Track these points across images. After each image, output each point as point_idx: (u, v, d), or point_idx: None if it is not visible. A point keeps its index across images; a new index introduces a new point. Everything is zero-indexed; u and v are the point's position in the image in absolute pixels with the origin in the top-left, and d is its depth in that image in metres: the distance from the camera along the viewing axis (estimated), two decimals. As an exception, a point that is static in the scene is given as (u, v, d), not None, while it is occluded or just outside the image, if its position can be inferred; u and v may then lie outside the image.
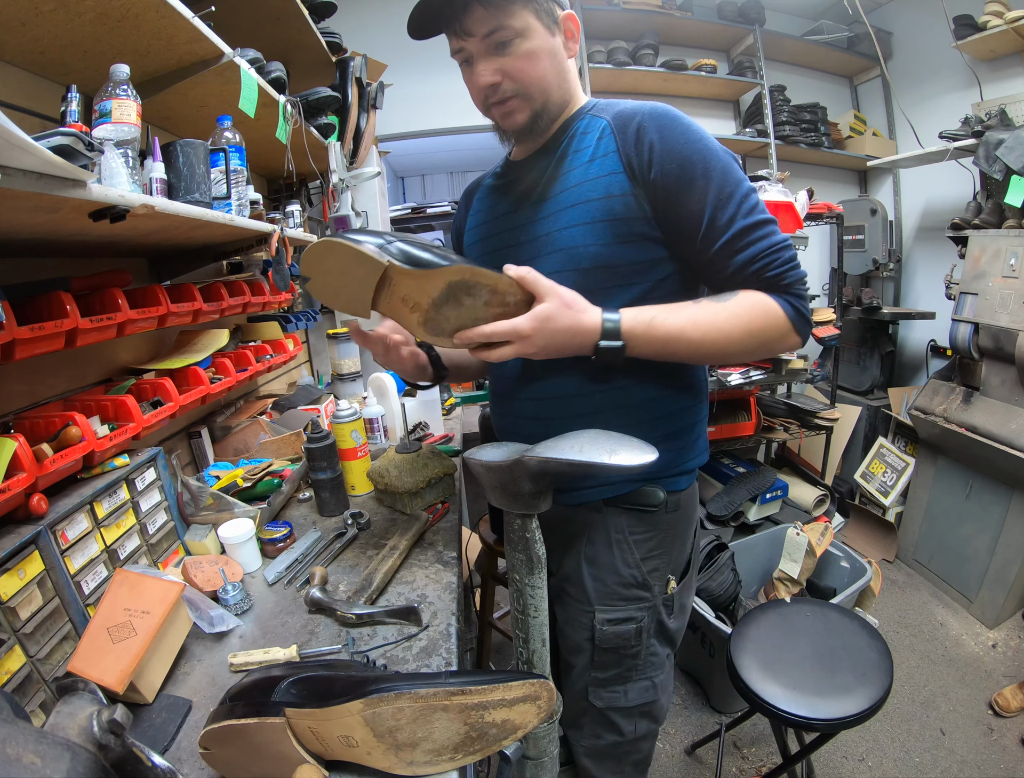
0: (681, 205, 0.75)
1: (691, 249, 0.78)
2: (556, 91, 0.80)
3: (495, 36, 0.73)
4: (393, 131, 2.91)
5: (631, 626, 0.89)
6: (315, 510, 1.23)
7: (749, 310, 0.76)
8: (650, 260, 0.80)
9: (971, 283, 2.13)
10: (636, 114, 0.77)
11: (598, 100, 0.86)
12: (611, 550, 0.87)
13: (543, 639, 0.67)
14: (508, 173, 0.93)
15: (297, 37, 1.61)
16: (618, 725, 0.95)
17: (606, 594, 0.88)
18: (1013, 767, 1.57)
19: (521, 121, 0.80)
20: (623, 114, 0.79)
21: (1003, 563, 2.06)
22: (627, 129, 0.77)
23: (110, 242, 0.99)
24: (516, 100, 0.78)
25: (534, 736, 0.70)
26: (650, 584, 0.88)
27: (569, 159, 0.82)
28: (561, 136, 0.84)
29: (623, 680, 0.92)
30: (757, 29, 3.00)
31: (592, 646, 0.90)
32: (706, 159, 0.74)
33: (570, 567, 0.91)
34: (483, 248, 0.94)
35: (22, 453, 0.70)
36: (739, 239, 0.75)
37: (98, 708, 0.48)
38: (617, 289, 0.80)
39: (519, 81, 0.76)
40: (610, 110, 0.82)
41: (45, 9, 0.77)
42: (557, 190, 0.82)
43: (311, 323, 1.92)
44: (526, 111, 0.79)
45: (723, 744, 1.58)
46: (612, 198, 0.77)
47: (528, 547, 0.64)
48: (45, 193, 0.55)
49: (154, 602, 0.74)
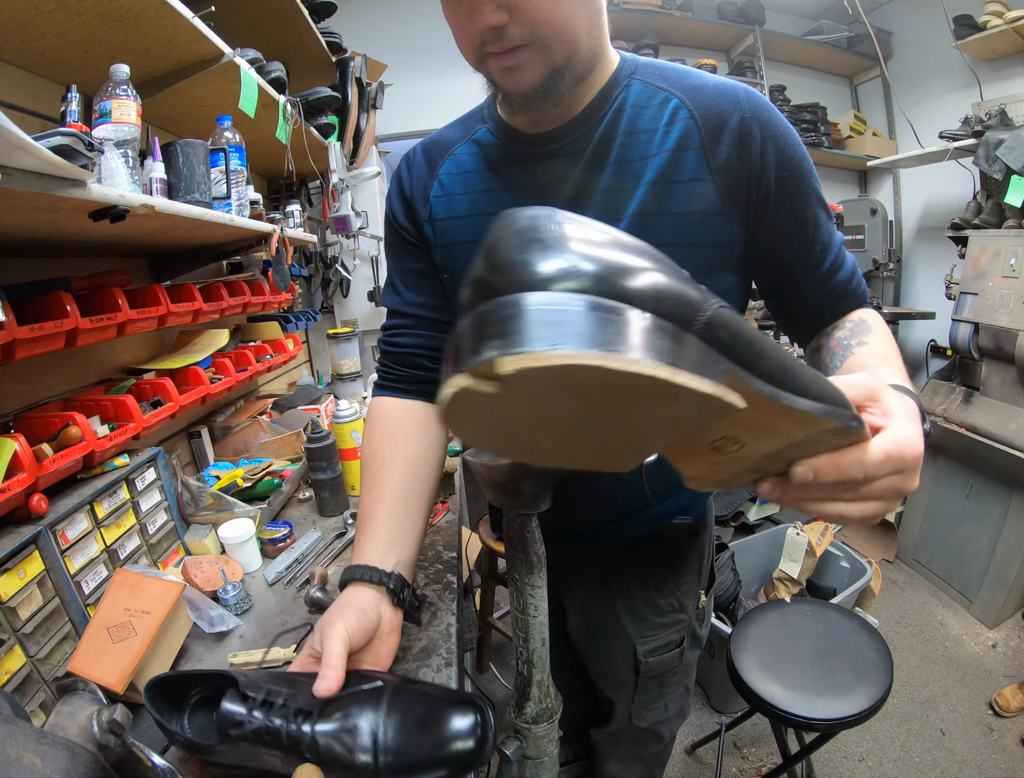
0: (787, 224, 0.61)
1: (790, 274, 0.65)
2: (585, 41, 0.55)
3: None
4: (393, 131, 2.91)
5: (673, 651, 0.86)
6: (315, 510, 1.22)
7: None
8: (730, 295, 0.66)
9: (971, 283, 2.13)
10: (734, 104, 0.58)
11: (636, 57, 0.64)
12: (646, 586, 0.83)
13: (543, 638, 0.67)
14: (505, 148, 0.66)
15: (297, 37, 1.61)
16: (660, 734, 0.96)
17: (645, 627, 0.85)
18: (1013, 767, 1.57)
19: (530, 81, 0.55)
20: (705, 93, 0.59)
21: (1003, 563, 2.06)
22: (723, 125, 0.58)
23: (110, 242, 0.99)
24: (527, 50, 0.53)
25: (534, 736, 0.70)
26: (685, 606, 0.86)
27: (621, 143, 0.60)
28: (599, 109, 0.61)
29: (662, 696, 0.91)
30: (757, 29, 3.00)
31: (636, 678, 0.87)
32: (810, 168, 0.61)
33: (602, 607, 0.86)
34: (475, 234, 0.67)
35: (22, 453, 0.70)
36: (841, 255, 0.65)
37: (98, 708, 0.48)
38: None
39: (534, 24, 0.51)
40: (676, 81, 0.61)
41: (45, 9, 0.77)
42: (600, 190, 0.62)
43: (311, 323, 1.92)
44: (539, 67, 0.54)
45: (723, 744, 1.58)
46: (691, 216, 0.59)
47: (528, 547, 0.64)
48: (45, 193, 0.55)
49: (154, 602, 0.74)
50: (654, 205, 0.59)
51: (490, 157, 0.68)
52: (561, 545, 0.81)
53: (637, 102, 0.61)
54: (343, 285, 2.31)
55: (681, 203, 0.59)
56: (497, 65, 0.55)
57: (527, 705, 0.69)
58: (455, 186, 0.69)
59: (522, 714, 0.70)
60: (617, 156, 0.61)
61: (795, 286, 0.66)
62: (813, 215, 0.62)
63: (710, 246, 0.61)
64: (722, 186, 0.58)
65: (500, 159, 0.67)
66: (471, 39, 0.54)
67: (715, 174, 0.58)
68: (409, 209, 0.73)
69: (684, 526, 0.81)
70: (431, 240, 0.72)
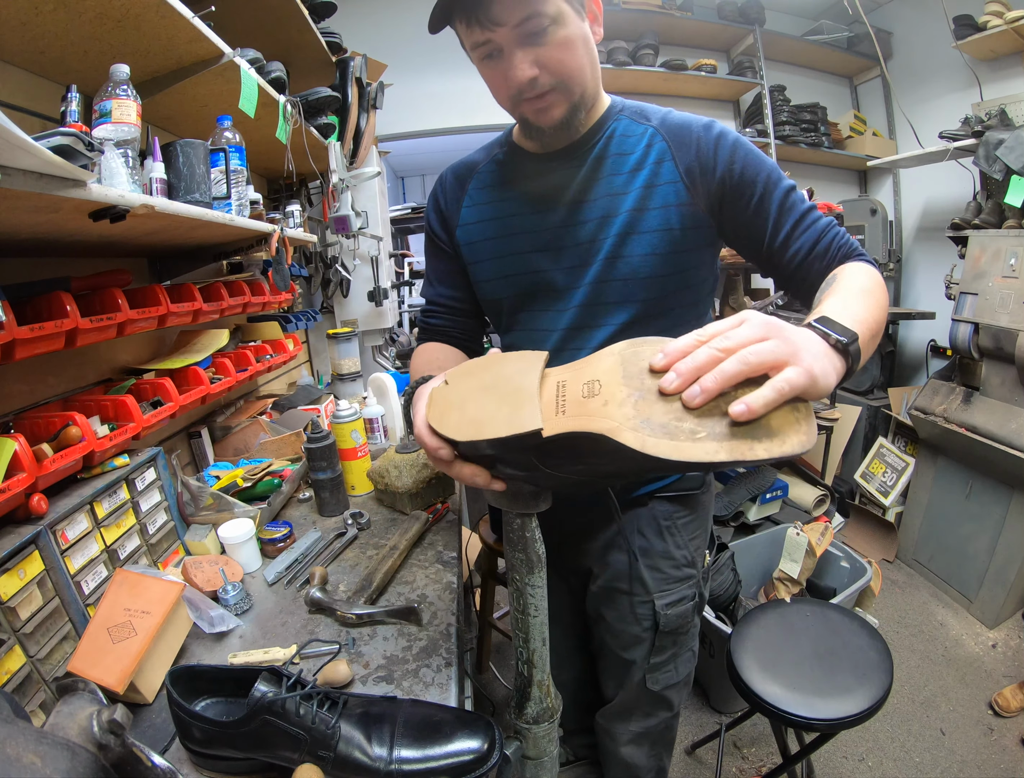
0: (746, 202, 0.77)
1: (758, 243, 0.79)
2: (591, 82, 0.75)
3: (529, 24, 0.65)
4: (393, 131, 2.91)
5: (688, 604, 0.94)
6: (315, 510, 1.23)
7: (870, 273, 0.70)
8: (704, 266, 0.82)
9: (971, 283, 2.13)
10: (692, 128, 0.78)
11: (623, 100, 0.84)
12: (662, 537, 0.91)
13: (543, 638, 0.67)
14: (520, 165, 0.86)
15: (297, 37, 1.61)
16: (670, 700, 1.02)
17: (662, 579, 0.92)
18: (1013, 767, 1.57)
19: (558, 116, 0.73)
20: (675, 125, 0.79)
21: (1003, 563, 2.06)
22: (685, 139, 0.77)
23: (110, 242, 0.99)
24: (554, 94, 0.71)
25: (534, 736, 0.70)
26: (696, 561, 0.94)
27: (610, 162, 0.79)
28: (594, 135, 0.80)
29: (674, 657, 0.97)
30: (757, 29, 3.00)
31: (653, 634, 0.93)
32: (761, 160, 0.77)
33: (621, 564, 0.93)
34: (498, 249, 0.87)
35: (22, 453, 0.70)
36: (803, 222, 0.76)
37: (98, 708, 0.48)
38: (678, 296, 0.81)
39: (558, 73, 0.69)
40: (653, 116, 0.80)
41: (45, 9, 0.77)
42: (599, 194, 0.79)
43: (311, 323, 1.92)
44: (564, 105, 0.73)
45: (723, 744, 1.58)
46: (669, 208, 0.77)
47: (528, 547, 0.64)
48: (45, 193, 0.55)
49: (154, 602, 0.74)
50: (643, 202, 0.77)
51: (508, 173, 0.87)
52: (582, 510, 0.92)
53: (624, 132, 0.80)
54: (343, 285, 2.31)
55: (662, 199, 0.77)
56: (531, 108, 0.73)
57: (527, 705, 0.69)
58: (481, 197, 0.88)
59: (522, 714, 0.70)
60: (610, 170, 0.79)
61: (760, 253, 0.80)
62: (767, 199, 0.76)
63: (685, 229, 0.78)
64: (689, 183, 0.77)
65: (516, 174, 0.86)
66: (510, 91, 0.71)
67: (683, 176, 0.77)
68: (443, 220, 0.93)
69: (696, 478, 0.91)
70: (461, 240, 0.90)
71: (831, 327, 0.51)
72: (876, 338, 0.61)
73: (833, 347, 0.50)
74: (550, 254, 0.82)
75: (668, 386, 0.44)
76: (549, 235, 0.82)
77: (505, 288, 0.88)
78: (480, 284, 0.91)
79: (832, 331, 0.51)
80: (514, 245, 0.85)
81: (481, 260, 0.89)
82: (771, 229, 0.77)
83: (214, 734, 0.59)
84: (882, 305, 0.65)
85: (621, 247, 0.78)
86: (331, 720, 0.58)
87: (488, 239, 0.87)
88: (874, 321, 0.59)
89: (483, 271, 0.90)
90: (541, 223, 0.82)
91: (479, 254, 0.89)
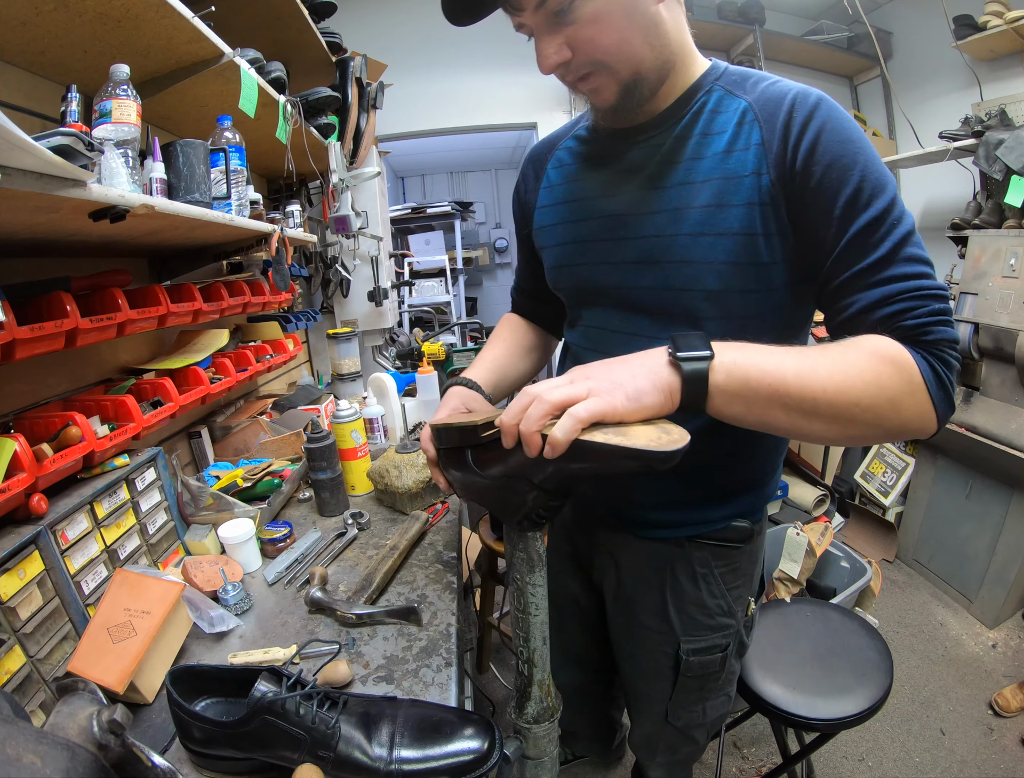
0: (817, 214, 0.60)
1: (813, 273, 0.63)
2: (648, 53, 0.62)
3: (548, 4, 0.58)
4: (393, 131, 2.91)
5: (717, 654, 0.86)
6: (315, 510, 1.23)
7: (884, 356, 0.54)
8: (773, 288, 0.66)
9: (971, 283, 2.13)
10: (786, 95, 0.62)
11: (728, 65, 0.70)
12: (696, 584, 0.83)
13: (544, 637, 0.68)
14: (599, 140, 0.76)
15: (297, 37, 1.61)
16: (695, 738, 0.97)
17: (692, 626, 0.84)
18: (1013, 767, 1.57)
19: (609, 97, 0.64)
20: (771, 96, 0.63)
21: (1003, 563, 2.06)
22: (776, 115, 0.61)
23: (110, 242, 0.99)
24: (597, 76, 0.62)
25: (534, 736, 0.70)
26: (735, 611, 0.85)
27: (695, 142, 0.66)
28: (682, 109, 0.67)
29: (702, 700, 0.91)
30: (757, 29, 3.00)
31: (675, 675, 0.87)
32: (864, 165, 0.58)
33: (650, 600, 0.86)
34: (565, 235, 0.78)
35: (22, 453, 0.70)
36: (879, 270, 0.57)
37: (98, 708, 0.48)
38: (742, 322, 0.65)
39: (591, 53, 0.60)
40: (750, 87, 0.65)
41: (45, 9, 0.77)
42: (678, 180, 0.66)
43: (311, 323, 1.92)
44: (613, 86, 0.63)
45: (723, 744, 1.58)
46: (753, 206, 0.62)
47: (528, 545, 0.64)
48: (45, 193, 0.55)
49: (154, 602, 0.74)
50: (721, 198, 0.64)
51: (586, 150, 0.79)
52: (617, 534, 0.87)
53: (715, 107, 0.66)
54: (343, 285, 2.31)
55: (746, 195, 0.62)
56: (582, 89, 0.65)
57: (528, 705, 0.69)
58: (558, 177, 0.82)
59: (523, 714, 0.70)
60: (692, 153, 0.66)
61: (820, 288, 0.63)
62: (843, 217, 0.58)
63: (768, 235, 0.63)
64: (776, 175, 0.61)
65: (593, 151, 0.77)
66: (551, 74, 0.64)
67: (771, 165, 0.61)
68: (521, 204, 0.89)
69: (741, 529, 0.80)
70: (535, 225, 0.85)
71: (684, 341, 0.52)
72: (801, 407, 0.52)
73: (670, 362, 0.52)
74: (610, 246, 0.72)
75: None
76: (617, 224, 0.71)
77: (566, 278, 0.81)
78: (548, 271, 0.85)
79: (679, 345, 0.52)
80: (580, 232, 0.76)
81: (548, 246, 0.82)
82: (830, 264, 0.60)
83: (214, 734, 0.59)
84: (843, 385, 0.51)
85: (691, 249, 0.65)
86: (331, 720, 0.58)
87: (557, 224, 0.80)
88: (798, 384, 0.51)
89: (549, 258, 0.83)
90: (608, 208, 0.72)
91: (547, 239, 0.82)
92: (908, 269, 0.56)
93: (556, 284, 0.85)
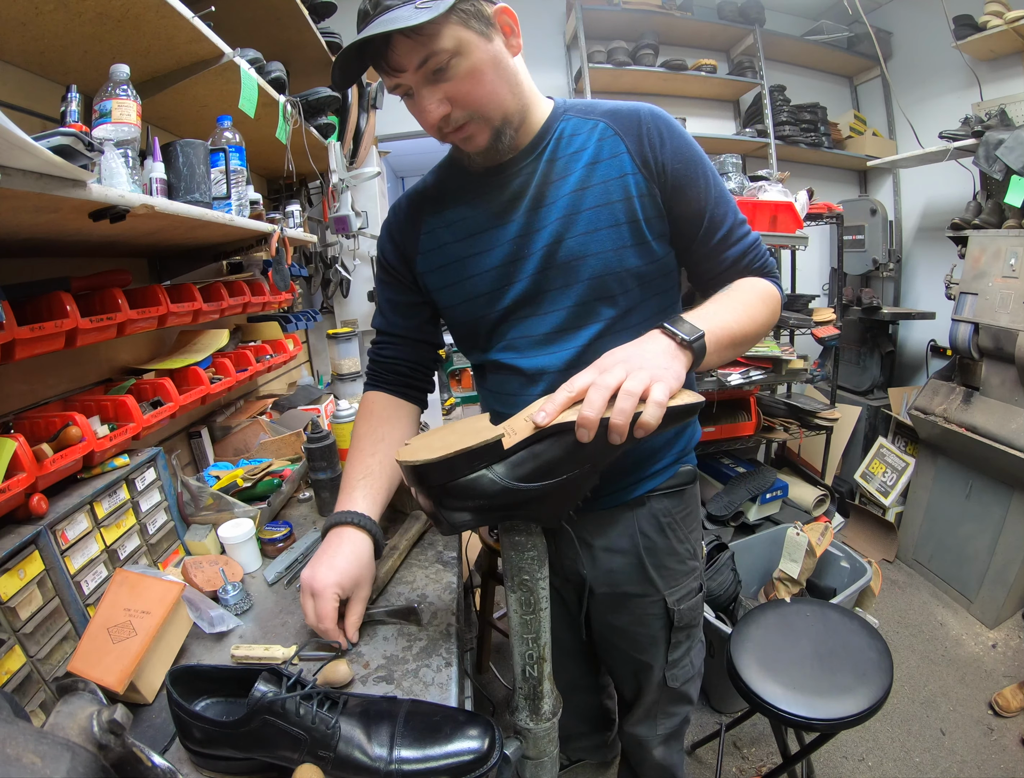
0: (685, 202, 0.79)
1: (689, 244, 0.83)
2: (512, 100, 0.73)
3: (428, 65, 0.66)
4: (393, 131, 2.91)
5: (697, 596, 0.96)
6: (315, 510, 1.22)
7: (763, 292, 0.82)
8: (667, 260, 0.83)
9: (971, 283, 2.13)
10: (638, 113, 0.78)
11: (564, 100, 0.84)
12: (665, 535, 0.91)
13: (549, 628, 0.68)
14: (472, 183, 0.84)
15: (297, 37, 1.61)
16: (688, 695, 1.03)
17: (671, 576, 0.92)
18: (1013, 767, 1.57)
19: (482, 142, 0.74)
20: (621, 114, 0.79)
21: (1003, 563, 2.06)
22: (635, 129, 0.77)
23: (110, 242, 0.99)
24: (472, 124, 0.72)
25: (534, 736, 0.70)
26: (697, 553, 0.96)
27: (564, 161, 0.79)
28: (544, 139, 0.80)
29: (688, 651, 0.99)
30: (757, 29, 3.00)
31: (668, 632, 0.94)
32: (702, 160, 0.80)
33: (628, 568, 0.91)
34: (465, 271, 0.85)
35: (22, 453, 0.70)
36: (732, 234, 0.82)
37: (98, 708, 0.48)
38: (649, 297, 0.82)
39: (468, 105, 0.70)
40: (595, 110, 0.80)
41: (45, 9, 0.77)
42: (562, 193, 0.78)
43: (311, 323, 1.92)
44: (486, 132, 0.73)
45: (723, 744, 1.58)
46: (631, 199, 0.77)
47: (537, 542, 0.65)
48: (45, 193, 0.55)
49: (154, 602, 0.74)
50: (606, 197, 0.77)
51: (461, 193, 0.85)
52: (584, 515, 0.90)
53: (573, 131, 0.80)
54: (343, 285, 2.31)
55: (624, 191, 0.77)
56: (455, 138, 0.74)
57: (543, 703, 0.69)
58: (438, 222, 0.86)
59: (539, 713, 0.70)
60: (564, 171, 0.79)
61: (692, 253, 0.84)
62: (702, 201, 0.79)
63: (648, 218, 0.79)
64: (646, 174, 0.77)
65: (469, 192, 0.84)
66: (430, 127, 0.73)
67: (641, 166, 0.77)
68: (399, 251, 0.91)
69: (688, 472, 0.93)
70: (422, 269, 0.89)
71: (679, 327, 0.65)
72: (742, 343, 0.76)
73: (679, 345, 0.65)
74: (517, 264, 0.81)
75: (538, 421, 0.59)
76: (516, 245, 0.80)
77: (481, 307, 0.85)
78: (452, 308, 0.89)
79: (679, 331, 0.65)
80: (481, 264, 0.83)
81: (448, 284, 0.87)
82: (702, 235, 0.81)
83: (214, 734, 0.59)
84: (756, 318, 0.77)
85: (588, 245, 0.77)
86: (331, 720, 0.58)
87: (453, 263, 0.85)
88: (739, 328, 0.74)
89: (453, 295, 0.87)
90: (504, 235, 0.81)
91: (445, 279, 0.87)
92: (745, 229, 0.83)
93: (469, 315, 0.87)
